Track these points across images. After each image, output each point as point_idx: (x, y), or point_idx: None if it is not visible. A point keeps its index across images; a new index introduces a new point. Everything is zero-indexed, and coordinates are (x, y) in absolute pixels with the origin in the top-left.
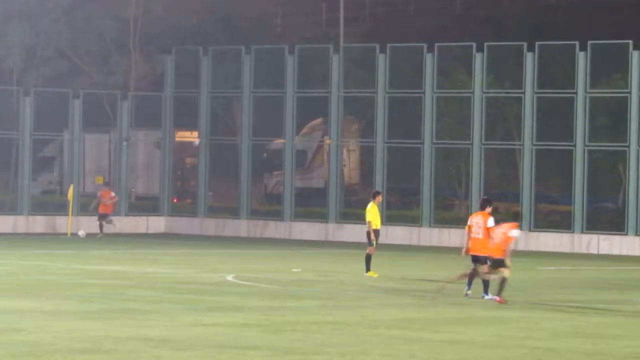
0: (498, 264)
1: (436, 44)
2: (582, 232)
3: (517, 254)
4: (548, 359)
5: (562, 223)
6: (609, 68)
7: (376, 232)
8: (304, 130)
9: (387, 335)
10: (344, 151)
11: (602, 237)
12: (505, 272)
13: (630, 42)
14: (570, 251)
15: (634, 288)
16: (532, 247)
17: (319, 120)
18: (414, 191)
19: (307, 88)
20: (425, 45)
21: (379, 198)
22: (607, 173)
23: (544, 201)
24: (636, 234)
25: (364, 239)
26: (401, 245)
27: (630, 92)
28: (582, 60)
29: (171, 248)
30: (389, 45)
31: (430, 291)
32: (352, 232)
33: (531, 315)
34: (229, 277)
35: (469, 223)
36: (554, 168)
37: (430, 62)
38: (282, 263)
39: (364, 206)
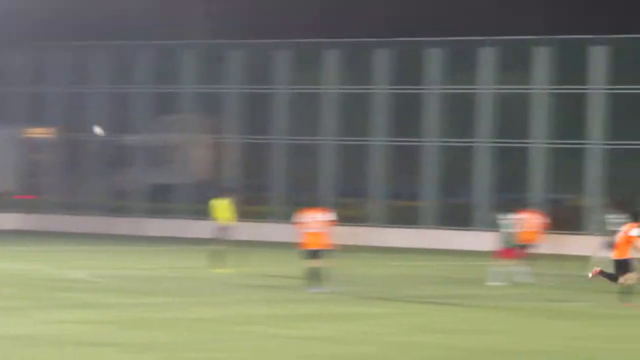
0: (623, 266)
1: (291, 40)
2: (433, 227)
3: (369, 249)
4: (400, 353)
5: (413, 218)
6: (460, 66)
7: (226, 227)
8: (157, 127)
9: (240, 331)
10: (197, 147)
11: (453, 232)
12: (630, 278)
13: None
14: (420, 247)
15: (477, 282)
16: (382, 243)
17: (173, 117)
18: (266, 187)
19: (161, 84)
20: (278, 42)
21: (230, 194)
22: (459, 169)
23: (394, 197)
24: (484, 230)
25: (216, 235)
26: (251, 241)
27: (476, 90)
28: (435, 58)
29: (23, 245)
30: (239, 41)
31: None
32: (205, 228)
33: (384, 311)
34: (83, 274)
35: (303, 219)
36: (403, 163)
37: (283, 60)
38: (136, 260)
39: (216, 202)
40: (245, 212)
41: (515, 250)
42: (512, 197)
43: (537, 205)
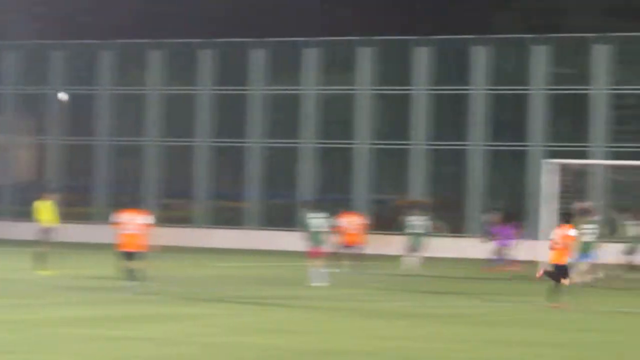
0: (563, 270)
1: (114, 41)
2: (258, 228)
3: (194, 250)
4: (223, 354)
5: (237, 219)
6: (283, 67)
7: (49, 229)
8: None
9: (62, 333)
10: (19, 149)
11: (277, 232)
12: (565, 281)
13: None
14: (245, 247)
15: (300, 283)
16: (206, 244)
17: None
18: (89, 188)
19: None
20: (101, 43)
21: (52, 196)
22: (283, 170)
23: (218, 198)
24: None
25: (39, 237)
26: (74, 243)
27: (299, 91)
28: (259, 58)
29: None
30: (62, 42)
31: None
32: (28, 230)
33: (207, 312)
34: None
35: (119, 219)
36: (227, 164)
37: (106, 61)
38: None
39: (38, 204)
40: (68, 214)
41: (325, 249)
42: (336, 198)
43: (361, 205)
